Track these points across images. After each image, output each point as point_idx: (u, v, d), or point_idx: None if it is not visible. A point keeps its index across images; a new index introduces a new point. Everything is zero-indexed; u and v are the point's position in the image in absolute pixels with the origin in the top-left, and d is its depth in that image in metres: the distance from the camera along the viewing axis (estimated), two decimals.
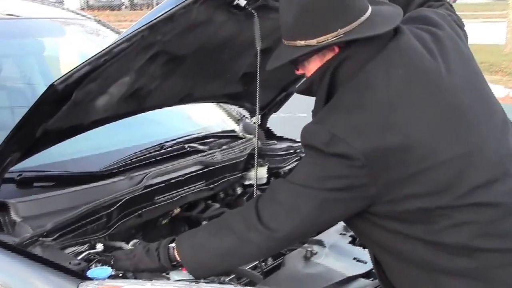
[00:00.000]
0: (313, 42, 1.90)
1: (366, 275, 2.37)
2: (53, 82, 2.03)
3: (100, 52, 2.05)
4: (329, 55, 1.95)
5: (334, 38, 1.88)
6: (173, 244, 2.10)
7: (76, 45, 3.85)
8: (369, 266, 2.36)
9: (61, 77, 2.03)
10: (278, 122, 3.92)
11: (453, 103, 1.91)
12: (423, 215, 1.86)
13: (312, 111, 2.02)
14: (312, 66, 1.99)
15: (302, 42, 1.92)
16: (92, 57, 2.04)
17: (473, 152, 1.88)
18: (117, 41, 2.07)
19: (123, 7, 38.20)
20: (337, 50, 1.93)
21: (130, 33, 2.07)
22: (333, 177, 1.85)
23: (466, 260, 1.88)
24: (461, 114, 1.91)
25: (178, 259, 2.07)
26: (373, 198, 1.86)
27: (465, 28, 2.18)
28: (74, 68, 2.04)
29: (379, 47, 1.91)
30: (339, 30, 1.87)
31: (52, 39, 3.87)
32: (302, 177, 1.92)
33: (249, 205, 2.01)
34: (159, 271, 2.16)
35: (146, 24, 2.06)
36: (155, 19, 2.06)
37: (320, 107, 1.97)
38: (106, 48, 2.06)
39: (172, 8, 2.07)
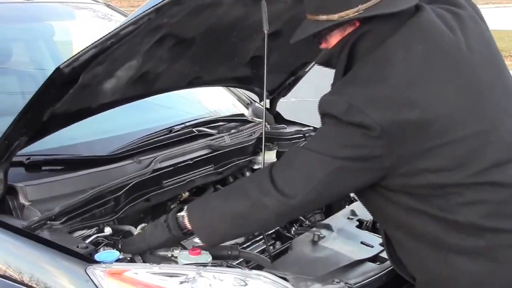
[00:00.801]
0: (334, 17, 1.94)
1: (373, 259, 2.38)
2: (59, 65, 2.02)
3: (106, 35, 2.03)
4: (349, 29, 1.99)
5: (355, 14, 1.91)
6: (182, 213, 2.13)
7: (86, 29, 3.84)
8: (376, 250, 2.36)
9: (67, 60, 2.02)
10: (289, 106, 3.91)
11: (473, 80, 1.92)
12: (436, 191, 1.87)
13: (331, 85, 2.05)
14: (333, 40, 2.03)
15: (324, 17, 1.96)
16: (99, 40, 2.03)
17: (490, 130, 1.89)
18: (123, 24, 2.05)
19: None
20: (357, 24, 1.97)
21: (137, 16, 2.05)
22: (349, 146, 1.87)
23: (476, 239, 1.89)
24: (480, 92, 1.92)
25: (189, 226, 2.10)
26: (387, 170, 1.87)
27: None
28: (81, 51, 2.03)
29: (399, 23, 1.94)
30: (360, 6, 1.90)
31: (62, 23, 3.87)
32: (318, 145, 1.95)
33: (264, 171, 2.03)
34: (172, 244, 2.20)
35: (152, 7, 2.04)
36: (162, 1, 2.05)
37: (339, 79, 2.00)
38: (113, 31, 2.04)
39: None
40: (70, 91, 2.13)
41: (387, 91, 1.85)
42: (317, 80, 2.12)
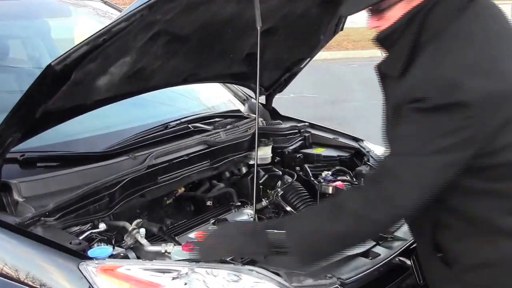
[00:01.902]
0: None
1: (365, 254, 2.36)
2: (50, 63, 2.03)
3: (98, 31, 2.04)
4: (417, 0, 1.86)
5: None
6: (276, 230, 1.99)
7: (83, 26, 3.85)
8: (368, 245, 2.36)
9: (58, 58, 2.03)
10: (287, 102, 3.92)
11: None
12: (506, 170, 1.84)
13: (382, 65, 1.96)
14: (394, 13, 1.88)
15: None
16: (90, 36, 2.04)
17: None
18: (116, 21, 2.06)
19: None
20: None
21: (129, 12, 2.05)
22: (448, 134, 1.76)
23: None
24: None
25: (284, 244, 1.96)
26: (478, 148, 1.79)
27: None
28: (72, 48, 2.04)
29: None
30: None
31: (59, 20, 3.88)
32: (416, 147, 1.81)
33: (366, 186, 1.96)
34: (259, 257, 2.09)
35: (145, 3, 2.04)
36: None
37: (401, 58, 1.87)
38: (105, 27, 2.05)
39: None
40: (62, 88, 2.14)
41: (477, 63, 1.77)
42: (315, 76, 2.05)
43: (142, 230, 2.37)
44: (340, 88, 10.82)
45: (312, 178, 3.15)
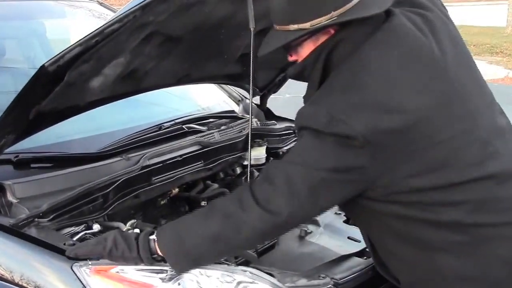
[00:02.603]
0: (306, 25, 1.88)
1: (359, 253, 2.38)
2: (44, 64, 2.02)
3: (91, 33, 2.03)
4: (322, 38, 1.93)
5: (328, 20, 1.86)
6: (153, 236, 1.98)
7: (79, 27, 3.84)
8: (362, 244, 2.35)
9: (51, 59, 2.02)
10: (284, 102, 3.92)
11: (447, 82, 1.90)
12: (419, 195, 1.86)
13: (304, 97, 2.01)
14: (305, 51, 1.97)
15: (295, 26, 1.90)
16: (83, 38, 2.03)
17: (467, 130, 1.88)
18: (109, 22, 2.05)
19: None
20: (331, 32, 1.92)
21: (122, 14, 2.05)
22: (331, 157, 1.82)
23: (460, 236, 1.88)
24: (455, 92, 1.90)
25: (159, 252, 1.96)
26: (372, 179, 1.84)
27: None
28: (65, 49, 2.03)
29: (373, 28, 1.90)
30: (333, 12, 1.85)
31: (54, 21, 3.88)
32: (299, 158, 1.88)
33: (244, 188, 1.96)
34: (134, 262, 1.99)
35: (138, 4, 2.04)
36: None
37: (313, 91, 1.95)
38: (98, 29, 2.04)
39: None
40: (56, 89, 2.14)
41: (366, 98, 1.81)
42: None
43: (137, 231, 2.37)
44: None
45: None
